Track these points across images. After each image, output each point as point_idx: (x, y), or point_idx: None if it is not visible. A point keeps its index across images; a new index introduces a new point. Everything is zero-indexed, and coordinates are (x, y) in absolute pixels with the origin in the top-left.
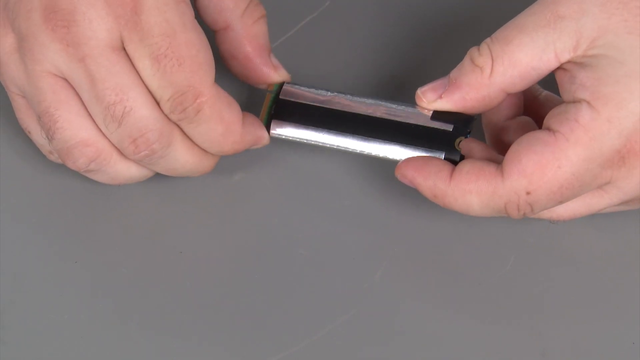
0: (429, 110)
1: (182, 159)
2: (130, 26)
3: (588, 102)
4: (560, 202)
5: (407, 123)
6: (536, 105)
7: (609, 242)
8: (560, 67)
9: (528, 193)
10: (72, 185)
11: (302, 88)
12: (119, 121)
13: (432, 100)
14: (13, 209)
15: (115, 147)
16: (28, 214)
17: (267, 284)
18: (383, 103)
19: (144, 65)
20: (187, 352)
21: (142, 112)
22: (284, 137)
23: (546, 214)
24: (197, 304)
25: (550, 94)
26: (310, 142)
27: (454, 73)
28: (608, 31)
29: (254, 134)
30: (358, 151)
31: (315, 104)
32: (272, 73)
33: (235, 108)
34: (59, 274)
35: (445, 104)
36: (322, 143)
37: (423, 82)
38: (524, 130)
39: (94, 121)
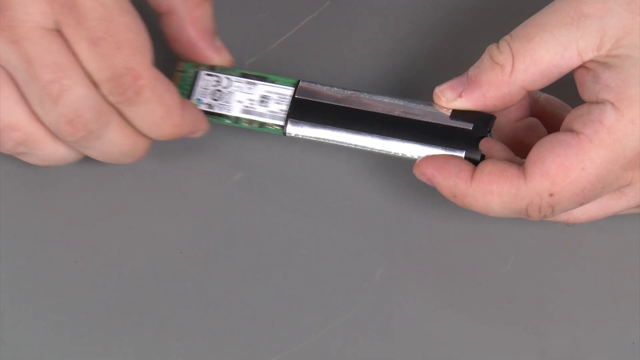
0: (447, 109)
1: (118, 141)
2: (66, 10)
3: (612, 104)
4: (582, 204)
5: (426, 122)
6: (537, 108)
7: (609, 242)
8: (582, 66)
9: (551, 195)
10: (72, 185)
11: (318, 86)
12: (55, 100)
13: (451, 99)
14: (13, 209)
15: (46, 130)
16: (28, 214)
17: (267, 284)
18: (400, 102)
19: (81, 48)
20: (187, 352)
21: (79, 91)
22: (300, 136)
23: (563, 217)
24: (197, 304)
25: (549, 96)
26: (327, 141)
27: (472, 71)
28: (632, 31)
29: (193, 117)
30: (377, 150)
31: (332, 103)
32: (214, 56)
33: (174, 91)
34: (59, 274)
35: (465, 103)
36: (340, 142)
37: (423, 81)
38: (533, 131)
39: (27, 105)
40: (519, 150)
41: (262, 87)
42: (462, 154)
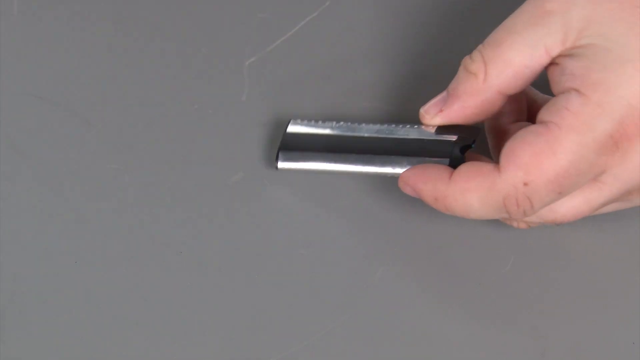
0: (433, 126)
1: None
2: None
3: (577, 90)
4: (560, 194)
5: (412, 138)
6: (535, 109)
7: (609, 242)
8: (551, 63)
9: (525, 184)
10: (72, 184)
11: (305, 122)
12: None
13: (433, 115)
14: (13, 209)
15: None
16: (28, 213)
17: (267, 283)
18: (387, 126)
19: None
20: (187, 352)
21: None
22: (293, 169)
23: (550, 216)
24: (197, 304)
25: (547, 97)
26: (319, 170)
27: (450, 85)
28: (594, 21)
29: None
30: (370, 172)
31: (319, 133)
32: None
33: None
34: (59, 274)
35: (447, 116)
36: (331, 170)
37: (423, 81)
38: None
39: None
40: None
41: None
42: (447, 162)
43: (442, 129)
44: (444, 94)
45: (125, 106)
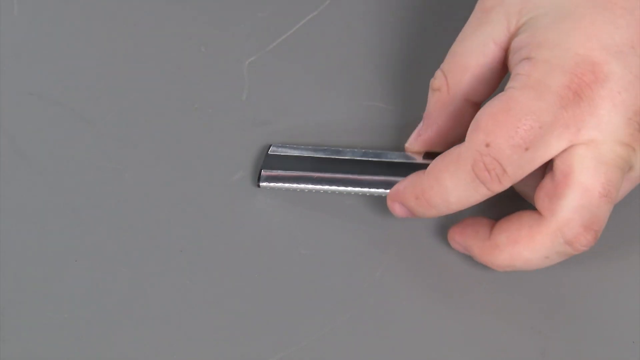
0: (419, 154)
1: None
2: None
3: (527, 57)
4: (527, 150)
5: (399, 162)
6: None
7: (609, 241)
8: (507, 54)
9: (488, 145)
10: (71, 183)
11: (287, 146)
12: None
13: (414, 141)
14: (13, 208)
15: None
16: (28, 213)
17: (267, 282)
18: (373, 150)
19: None
20: (187, 351)
21: None
22: (276, 188)
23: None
24: (197, 303)
25: None
26: (303, 189)
27: (425, 112)
28: (529, 0)
29: None
30: (353, 192)
31: (303, 155)
32: None
33: None
34: (59, 273)
35: (426, 140)
36: (316, 190)
37: (423, 81)
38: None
39: None
40: None
41: None
42: None
43: (428, 155)
44: (421, 122)
45: (125, 105)
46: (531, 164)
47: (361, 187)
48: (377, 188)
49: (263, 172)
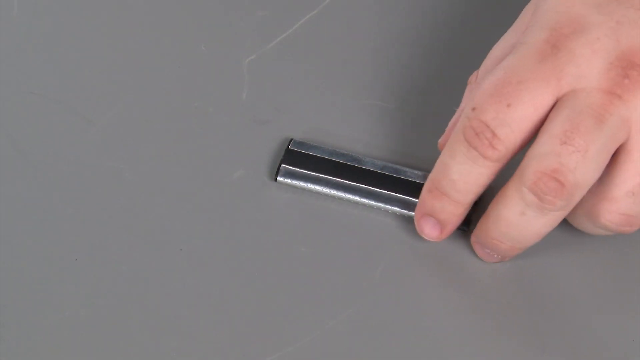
0: None
1: None
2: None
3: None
4: (509, 106)
5: (417, 182)
6: None
7: (609, 240)
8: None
9: (474, 109)
10: (72, 182)
11: (306, 143)
12: None
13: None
14: (13, 208)
15: None
16: (28, 212)
17: (267, 281)
18: (393, 165)
19: None
20: (186, 350)
21: None
22: (292, 185)
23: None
24: (197, 301)
25: None
26: (319, 193)
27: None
28: None
29: None
30: (371, 205)
31: (322, 157)
32: None
33: None
34: (59, 273)
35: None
36: (333, 196)
37: (423, 81)
38: None
39: None
40: None
41: None
42: None
43: None
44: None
45: (125, 104)
46: (519, 124)
47: (378, 202)
48: (394, 206)
49: (282, 166)
